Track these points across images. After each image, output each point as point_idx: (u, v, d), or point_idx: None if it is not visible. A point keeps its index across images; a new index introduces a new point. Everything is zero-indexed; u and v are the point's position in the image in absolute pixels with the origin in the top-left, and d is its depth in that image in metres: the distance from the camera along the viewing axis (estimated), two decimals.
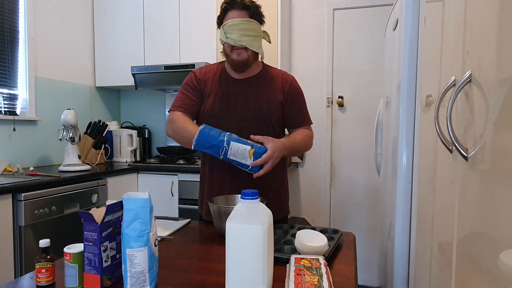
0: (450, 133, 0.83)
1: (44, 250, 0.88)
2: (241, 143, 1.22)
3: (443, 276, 1.02)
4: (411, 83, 1.44)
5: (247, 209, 0.80)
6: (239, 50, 1.35)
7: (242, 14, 1.34)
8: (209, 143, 1.23)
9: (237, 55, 1.35)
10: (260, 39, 1.39)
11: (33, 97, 2.60)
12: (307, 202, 3.14)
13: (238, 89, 1.43)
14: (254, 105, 1.40)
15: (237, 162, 1.24)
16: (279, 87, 1.44)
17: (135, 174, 2.74)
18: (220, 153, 1.23)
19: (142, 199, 0.81)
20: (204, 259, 1.04)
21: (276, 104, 1.42)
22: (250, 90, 1.43)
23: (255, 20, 1.36)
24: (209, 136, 1.23)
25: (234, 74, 1.45)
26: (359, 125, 3.00)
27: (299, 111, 1.48)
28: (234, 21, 1.32)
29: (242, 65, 1.37)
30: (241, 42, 1.32)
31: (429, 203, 1.23)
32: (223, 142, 1.22)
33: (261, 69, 1.47)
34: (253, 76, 1.45)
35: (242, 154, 1.22)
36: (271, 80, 1.45)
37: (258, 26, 1.38)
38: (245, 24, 1.33)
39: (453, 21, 0.99)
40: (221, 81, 1.45)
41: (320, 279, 0.77)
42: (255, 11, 1.36)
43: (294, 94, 1.46)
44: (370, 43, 2.94)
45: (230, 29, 1.33)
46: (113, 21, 3.09)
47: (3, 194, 1.78)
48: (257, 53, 1.39)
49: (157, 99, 3.39)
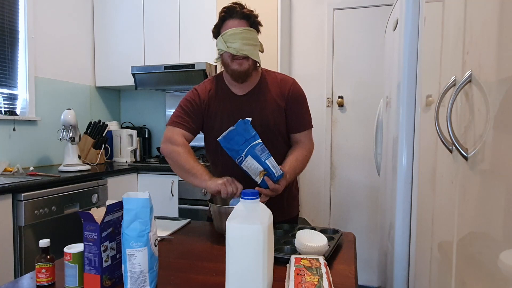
0: (450, 133, 0.83)
1: (44, 250, 0.88)
2: (257, 161, 1.23)
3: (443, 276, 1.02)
4: (411, 83, 1.44)
5: (247, 209, 0.80)
6: (241, 60, 1.31)
7: (242, 23, 1.31)
8: (231, 145, 1.25)
9: (238, 65, 1.32)
10: (257, 48, 1.37)
11: (33, 97, 2.60)
12: (307, 202, 3.14)
13: (242, 106, 1.41)
14: (260, 119, 1.38)
15: (248, 174, 1.26)
16: (280, 92, 1.42)
17: (135, 174, 2.74)
18: (236, 159, 1.25)
19: (142, 199, 0.81)
20: (204, 259, 1.04)
21: (280, 112, 1.41)
22: (254, 103, 1.41)
23: (254, 30, 1.35)
24: (233, 140, 1.24)
25: (235, 89, 1.42)
26: (359, 125, 3.00)
27: (299, 115, 1.45)
28: (235, 30, 1.29)
29: (243, 75, 1.34)
30: (243, 51, 1.29)
31: (429, 203, 1.22)
32: (243, 152, 1.23)
33: (261, 77, 1.44)
34: (254, 87, 1.42)
35: (254, 170, 1.24)
36: (272, 88, 1.43)
37: (257, 35, 1.36)
38: (246, 33, 1.31)
39: (453, 21, 0.99)
40: (225, 99, 1.42)
41: (320, 279, 0.77)
42: (254, 20, 1.34)
43: (294, 98, 1.43)
44: (370, 43, 2.93)
45: (231, 38, 1.29)
46: (113, 21, 3.09)
47: (3, 194, 1.78)
48: (256, 62, 1.36)
49: (157, 99, 3.39)
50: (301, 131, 1.46)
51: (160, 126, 3.38)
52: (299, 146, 1.45)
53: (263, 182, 1.24)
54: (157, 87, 3.03)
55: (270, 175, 1.23)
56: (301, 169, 1.43)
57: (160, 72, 2.83)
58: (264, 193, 1.24)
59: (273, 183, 1.24)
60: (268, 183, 1.23)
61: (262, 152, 1.23)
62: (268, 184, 1.23)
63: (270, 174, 1.23)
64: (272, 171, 1.23)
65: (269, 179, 1.23)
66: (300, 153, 1.43)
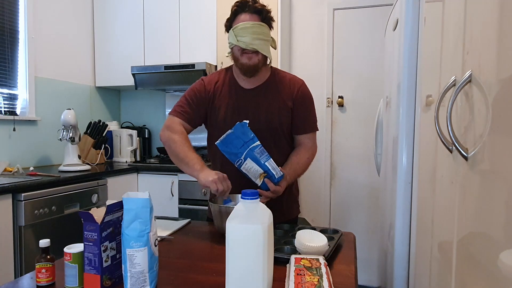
0: (450, 133, 0.83)
1: (44, 250, 0.88)
2: (256, 164, 1.22)
3: (443, 276, 1.02)
4: (411, 83, 1.44)
5: (247, 209, 0.80)
6: (250, 54, 1.31)
7: (254, 17, 1.31)
8: (230, 149, 1.24)
9: (248, 59, 1.31)
10: (269, 44, 1.36)
11: (33, 97, 2.60)
12: (307, 202, 3.14)
13: (248, 100, 1.40)
14: (265, 115, 1.38)
15: (248, 177, 1.26)
16: (288, 93, 1.41)
17: (135, 174, 2.74)
18: (236, 163, 1.25)
19: (142, 199, 0.81)
20: (204, 259, 1.04)
21: (287, 112, 1.40)
22: (260, 99, 1.40)
23: (266, 25, 1.34)
24: (232, 144, 1.24)
25: (243, 82, 1.41)
26: (359, 125, 3.00)
27: (305, 117, 1.44)
28: (246, 24, 1.29)
29: (252, 70, 1.34)
30: (253, 45, 1.29)
31: (429, 203, 1.22)
32: (241, 155, 1.23)
33: (270, 75, 1.43)
34: (262, 84, 1.41)
35: (254, 173, 1.24)
36: (280, 86, 1.42)
37: (268, 30, 1.35)
38: (257, 27, 1.30)
39: (453, 21, 0.99)
40: (230, 92, 1.41)
41: (320, 279, 0.77)
42: (266, 15, 1.33)
43: (301, 100, 1.42)
44: (370, 43, 2.93)
45: (241, 32, 1.29)
46: (113, 21, 3.09)
47: (3, 194, 1.78)
48: (266, 57, 1.35)
49: (157, 99, 3.39)
50: (306, 133, 1.45)
51: (160, 126, 3.35)
52: (302, 148, 1.44)
53: (264, 184, 1.23)
54: (157, 87, 3.03)
55: (270, 177, 1.23)
56: (302, 171, 1.43)
57: (160, 72, 2.83)
58: (265, 195, 1.24)
59: (273, 185, 1.24)
60: (268, 185, 1.23)
61: (261, 154, 1.23)
62: (268, 186, 1.23)
63: (271, 176, 1.23)
64: (272, 173, 1.23)
65: (269, 181, 1.23)
66: (302, 155, 1.42)
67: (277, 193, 1.26)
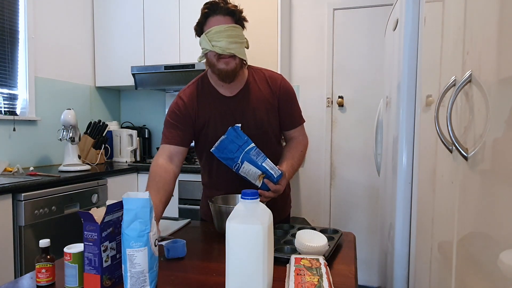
0: (450, 133, 0.83)
1: (44, 250, 0.88)
2: (254, 166, 1.22)
3: (443, 276, 1.02)
4: (411, 83, 1.44)
5: (247, 209, 0.80)
6: (227, 59, 1.24)
7: (227, 20, 1.24)
8: (225, 154, 1.24)
9: (225, 65, 1.25)
10: (244, 46, 1.30)
11: (33, 97, 2.60)
12: (307, 202, 3.14)
13: (234, 108, 1.35)
14: (254, 121, 1.35)
15: (247, 179, 1.26)
16: (270, 91, 1.39)
17: (135, 174, 2.74)
18: (233, 167, 1.25)
19: (142, 199, 0.81)
20: (204, 259, 1.04)
21: (273, 111, 1.39)
22: (245, 105, 1.36)
23: (240, 26, 1.28)
24: (227, 149, 1.23)
25: (222, 89, 1.36)
26: (359, 125, 3.00)
27: (291, 113, 1.43)
28: (220, 27, 1.22)
29: (231, 75, 1.27)
30: (230, 50, 1.22)
31: (429, 203, 1.22)
32: (238, 159, 1.22)
33: (248, 76, 1.39)
34: (243, 88, 1.37)
35: (252, 175, 1.24)
36: (262, 86, 1.38)
37: (242, 32, 1.29)
38: (232, 30, 1.23)
39: (453, 21, 0.99)
40: (214, 103, 1.35)
41: (320, 279, 0.77)
42: (239, 16, 1.27)
43: (285, 96, 1.40)
44: (370, 43, 2.93)
45: (216, 37, 1.22)
46: (113, 21, 3.09)
47: (3, 194, 1.78)
48: (243, 60, 1.30)
49: (157, 99, 3.39)
50: (295, 128, 1.45)
51: (160, 126, 3.37)
52: (294, 142, 1.44)
53: (264, 185, 1.23)
54: (157, 87, 3.03)
55: (269, 177, 1.23)
56: (298, 165, 1.42)
57: (160, 72, 2.84)
58: (266, 196, 1.23)
59: (273, 185, 1.23)
60: (268, 185, 1.23)
61: (258, 155, 1.23)
62: (269, 186, 1.23)
63: (269, 176, 1.23)
64: (271, 173, 1.22)
65: (269, 181, 1.23)
66: (296, 150, 1.42)
67: (278, 192, 1.25)
